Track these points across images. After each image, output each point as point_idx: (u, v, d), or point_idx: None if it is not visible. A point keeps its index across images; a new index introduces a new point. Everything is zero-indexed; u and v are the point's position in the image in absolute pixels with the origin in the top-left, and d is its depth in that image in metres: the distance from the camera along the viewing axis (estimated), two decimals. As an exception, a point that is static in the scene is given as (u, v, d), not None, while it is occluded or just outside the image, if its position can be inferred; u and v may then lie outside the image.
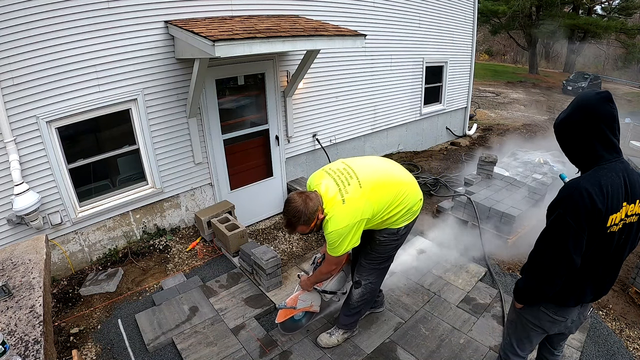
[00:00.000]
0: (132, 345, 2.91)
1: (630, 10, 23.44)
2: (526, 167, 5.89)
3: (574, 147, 1.60)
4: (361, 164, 2.42)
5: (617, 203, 1.50)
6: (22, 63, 3.14)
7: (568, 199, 1.51)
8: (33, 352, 1.49)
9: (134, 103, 3.82)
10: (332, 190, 2.24)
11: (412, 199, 2.40)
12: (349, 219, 2.18)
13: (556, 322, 1.77)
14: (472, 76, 8.84)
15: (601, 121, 1.48)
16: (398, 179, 2.40)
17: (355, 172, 2.30)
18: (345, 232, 2.19)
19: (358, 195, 2.20)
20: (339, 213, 2.18)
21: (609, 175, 1.50)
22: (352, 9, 5.52)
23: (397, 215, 2.37)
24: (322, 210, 2.24)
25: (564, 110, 1.62)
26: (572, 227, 1.49)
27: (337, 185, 2.25)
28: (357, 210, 2.19)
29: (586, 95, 1.54)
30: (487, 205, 4.25)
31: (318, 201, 2.23)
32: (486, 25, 26.66)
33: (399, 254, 3.89)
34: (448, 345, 2.79)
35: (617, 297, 3.29)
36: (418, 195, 2.47)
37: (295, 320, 2.93)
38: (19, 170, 3.24)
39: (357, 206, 2.19)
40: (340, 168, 2.36)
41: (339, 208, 2.19)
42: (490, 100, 16.67)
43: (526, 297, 1.76)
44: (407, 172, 2.53)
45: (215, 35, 3.12)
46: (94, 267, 3.93)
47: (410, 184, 2.44)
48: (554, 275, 1.58)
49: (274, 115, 4.92)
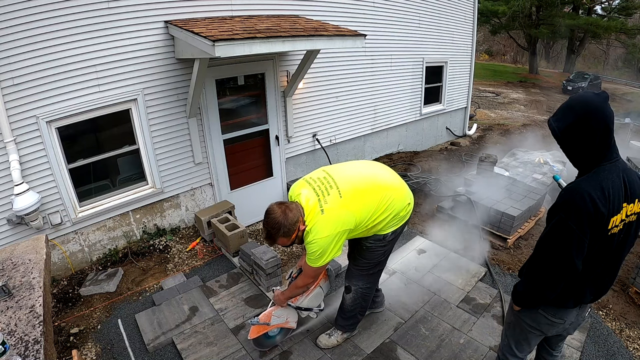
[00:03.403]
0: (132, 345, 2.91)
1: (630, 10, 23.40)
2: (526, 167, 5.89)
3: (581, 151, 1.55)
4: (342, 172, 2.32)
5: (618, 205, 1.48)
6: (22, 63, 3.14)
7: (570, 203, 1.48)
8: (33, 352, 1.49)
9: (134, 103, 3.82)
10: (312, 200, 2.16)
11: (398, 204, 2.32)
12: (329, 229, 2.10)
13: (554, 325, 1.75)
14: (472, 76, 8.84)
15: (609, 120, 1.46)
16: (382, 184, 2.30)
17: (336, 181, 2.22)
18: (326, 243, 2.11)
19: (337, 205, 2.13)
20: (319, 223, 2.11)
21: (609, 177, 1.48)
22: (352, 9, 5.52)
23: (384, 222, 2.30)
24: (304, 221, 2.16)
25: (562, 115, 1.55)
26: (575, 232, 1.46)
27: (316, 195, 2.17)
28: (338, 221, 2.12)
29: (588, 98, 1.51)
30: (487, 205, 4.25)
31: (298, 212, 2.15)
32: (486, 25, 26.65)
33: (398, 254, 3.90)
34: (448, 345, 2.79)
35: (617, 297, 3.28)
36: (406, 200, 2.37)
37: (270, 337, 2.76)
38: (19, 170, 3.24)
39: (337, 216, 2.12)
40: (321, 177, 2.27)
41: (318, 218, 2.12)
42: (490, 100, 16.67)
43: (526, 301, 1.74)
44: (394, 175, 2.44)
45: (215, 35, 3.12)
46: (94, 267, 3.93)
47: (397, 189, 2.34)
48: (556, 280, 1.56)
49: (274, 115, 4.92)
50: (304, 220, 2.17)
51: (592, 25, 22.24)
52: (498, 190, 4.65)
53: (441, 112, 8.27)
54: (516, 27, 24.55)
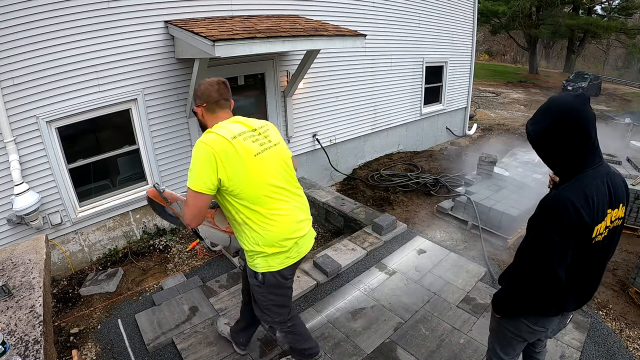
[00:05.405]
0: (132, 345, 2.91)
1: (630, 10, 23.41)
2: (526, 167, 5.90)
3: (559, 156, 1.46)
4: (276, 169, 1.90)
5: (602, 212, 1.41)
6: (22, 63, 3.14)
7: (552, 213, 1.40)
8: (33, 352, 1.49)
9: (134, 103, 3.82)
10: (239, 129, 1.83)
11: (296, 228, 1.92)
12: (210, 140, 1.73)
13: (536, 333, 1.71)
14: (472, 76, 8.85)
15: (587, 123, 1.37)
16: (294, 209, 1.94)
17: (271, 151, 1.88)
18: (197, 153, 1.72)
19: (245, 149, 1.77)
20: (213, 131, 1.79)
21: (593, 183, 1.40)
22: (352, 9, 5.52)
23: (254, 222, 1.83)
24: (204, 110, 1.92)
25: (538, 118, 1.46)
26: (557, 242, 1.38)
27: (252, 136, 1.85)
28: (228, 143, 1.73)
29: (566, 100, 1.42)
30: (487, 205, 4.25)
31: (210, 96, 1.89)
32: (486, 25, 26.64)
33: (398, 254, 3.90)
34: (448, 345, 2.79)
35: (617, 297, 3.28)
36: (305, 243, 2.00)
37: (167, 213, 2.46)
38: (19, 170, 3.24)
39: (233, 142, 1.74)
40: (265, 142, 1.89)
41: (221, 130, 1.78)
42: (490, 100, 16.67)
43: (507, 310, 1.69)
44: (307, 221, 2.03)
45: (215, 35, 3.13)
46: (94, 267, 3.93)
47: (300, 221, 1.96)
48: (537, 291, 1.50)
49: (274, 115, 4.92)
50: (205, 113, 1.93)
51: (592, 25, 22.24)
52: (498, 191, 4.65)
53: (441, 112, 8.27)
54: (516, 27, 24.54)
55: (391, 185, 5.56)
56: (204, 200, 1.75)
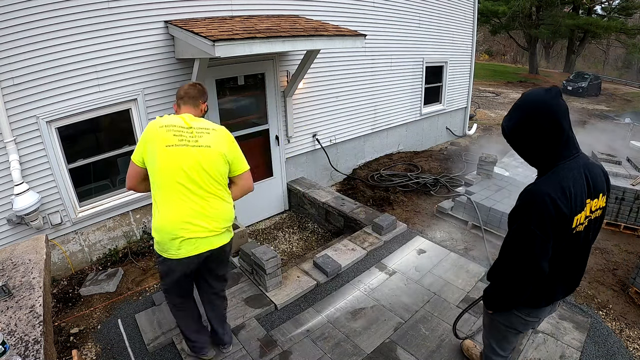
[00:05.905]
0: (132, 345, 2.91)
1: (630, 10, 23.40)
2: (526, 167, 5.88)
3: (532, 150, 1.49)
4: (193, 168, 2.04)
5: (580, 203, 1.43)
6: (22, 63, 3.14)
7: (530, 207, 1.43)
8: (33, 352, 1.49)
9: (134, 103, 3.82)
10: (173, 120, 2.06)
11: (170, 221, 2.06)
12: (154, 122, 2.03)
13: (529, 323, 1.75)
14: (472, 76, 8.85)
15: (558, 116, 1.39)
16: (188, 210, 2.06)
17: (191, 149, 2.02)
18: (143, 133, 2.04)
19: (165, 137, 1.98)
20: (156, 118, 2.08)
21: (570, 175, 1.42)
22: (352, 9, 5.52)
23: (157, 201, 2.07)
24: (176, 110, 2.24)
25: (511, 114, 1.50)
26: (538, 235, 1.41)
27: (178, 130, 2.03)
28: (155, 128, 2.00)
29: (536, 94, 1.43)
30: (487, 205, 4.25)
31: (178, 94, 2.22)
32: (486, 25, 26.64)
33: (398, 254, 3.90)
34: (448, 345, 2.79)
35: (617, 297, 3.28)
36: (190, 246, 2.08)
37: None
38: (19, 170, 3.24)
39: (157, 128, 2.00)
40: (186, 135, 2.04)
41: (162, 117, 2.07)
42: (490, 100, 16.67)
43: (497, 305, 1.72)
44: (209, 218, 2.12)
45: (215, 35, 3.13)
46: (94, 267, 3.93)
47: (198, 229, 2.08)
48: (523, 285, 1.53)
49: (274, 115, 4.92)
50: (177, 108, 2.24)
51: (592, 25, 22.23)
52: (498, 190, 4.66)
53: (441, 112, 8.27)
54: (516, 27, 24.54)
55: (391, 185, 5.56)
56: (134, 168, 2.08)
